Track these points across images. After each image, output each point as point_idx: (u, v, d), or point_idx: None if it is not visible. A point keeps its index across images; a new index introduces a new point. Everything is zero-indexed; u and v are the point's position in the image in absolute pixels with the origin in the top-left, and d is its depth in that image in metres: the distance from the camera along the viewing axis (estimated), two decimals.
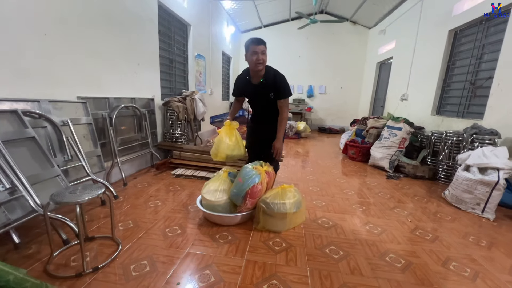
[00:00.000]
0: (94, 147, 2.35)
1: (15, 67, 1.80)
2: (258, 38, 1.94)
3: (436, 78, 4.26)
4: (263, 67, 1.96)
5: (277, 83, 2.00)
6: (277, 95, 2.03)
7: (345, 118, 8.43)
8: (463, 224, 2.21)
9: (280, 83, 2.01)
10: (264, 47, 1.92)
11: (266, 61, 1.96)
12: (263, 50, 1.91)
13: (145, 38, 3.27)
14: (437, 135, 3.58)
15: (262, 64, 1.93)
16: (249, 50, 1.93)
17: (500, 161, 2.37)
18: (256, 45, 1.90)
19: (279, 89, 2.01)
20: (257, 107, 2.20)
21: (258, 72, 1.98)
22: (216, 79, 6.31)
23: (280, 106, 2.06)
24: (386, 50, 6.61)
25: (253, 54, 1.90)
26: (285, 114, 2.06)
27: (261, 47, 1.90)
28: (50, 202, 1.33)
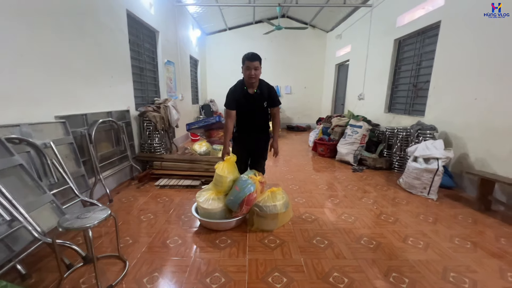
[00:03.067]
0: (77, 167, 2.30)
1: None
2: (253, 54, 2.09)
3: (386, 80, 4.90)
4: (256, 80, 2.16)
5: (270, 94, 2.26)
6: (270, 104, 2.30)
7: (311, 116, 9.03)
8: (415, 206, 2.71)
9: (273, 93, 2.29)
10: (258, 63, 2.10)
11: (259, 75, 2.17)
12: (256, 66, 2.09)
13: (117, 49, 3.20)
14: (390, 131, 4.18)
15: (255, 79, 2.13)
16: (244, 64, 2.11)
17: (438, 152, 2.94)
18: (250, 61, 2.07)
19: (273, 98, 2.29)
20: (251, 117, 2.32)
21: (252, 84, 2.18)
22: (186, 83, 6.28)
23: (274, 113, 2.36)
24: (343, 53, 7.27)
25: (247, 69, 2.09)
26: (278, 119, 2.40)
27: (255, 63, 2.08)
28: (60, 229, 1.36)
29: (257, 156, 2.46)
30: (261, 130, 2.38)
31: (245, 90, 2.22)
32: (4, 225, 1.38)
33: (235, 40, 8.56)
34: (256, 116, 2.32)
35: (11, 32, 1.84)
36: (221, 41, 8.54)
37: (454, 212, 2.57)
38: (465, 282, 1.56)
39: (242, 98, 2.23)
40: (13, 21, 1.85)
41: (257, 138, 2.39)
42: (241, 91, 2.22)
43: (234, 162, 2.21)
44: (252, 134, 2.36)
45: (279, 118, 2.41)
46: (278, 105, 2.34)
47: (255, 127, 2.35)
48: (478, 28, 2.97)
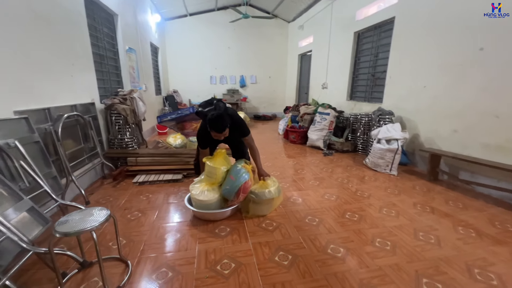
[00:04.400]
0: (48, 168, 2.04)
1: None
2: (218, 125, 1.97)
3: (347, 70, 5.32)
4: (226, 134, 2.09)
5: (237, 128, 2.21)
6: (241, 135, 2.28)
7: (276, 105, 9.29)
8: (382, 181, 3.10)
9: (240, 127, 2.23)
10: (227, 130, 2.04)
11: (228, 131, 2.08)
12: (225, 134, 2.05)
13: (75, 33, 2.83)
14: (353, 117, 4.60)
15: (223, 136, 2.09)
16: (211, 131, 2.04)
17: (397, 133, 3.38)
18: (218, 132, 2.01)
19: (241, 131, 2.25)
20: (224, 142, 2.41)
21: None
22: (148, 73, 5.85)
23: (249, 143, 2.31)
24: (305, 43, 7.56)
25: (215, 136, 2.07)
26: (255, 147, 2.34)
27: (225, 133, 2.04)
28: (57, 235, 1.24)
29: (237, 144, 2.52)
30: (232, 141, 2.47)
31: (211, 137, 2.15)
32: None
33: (197, 26, 8.18)
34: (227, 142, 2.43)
35: None
36: (182, 27, 8.08)
37: (412, 184, 3.03)
38: (431, 238, 1.91)
39: (213, 139, 2.19)
40: None
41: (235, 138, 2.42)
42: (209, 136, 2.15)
43: (225, 153, 2.23)
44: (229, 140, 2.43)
45: (255, 146, 2.34)
46: (248, 134, 2.28)
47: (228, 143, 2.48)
48: (426, 24, 3.42)
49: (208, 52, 8.49)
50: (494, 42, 2.63)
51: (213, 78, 8.78)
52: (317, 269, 1.56)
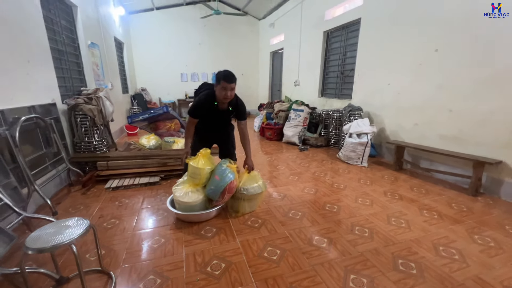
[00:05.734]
0: (6, 178, 1.82)
1: None
2: (230, 76, 2.00)
3: (318, 68, 5.53)
4: (232, 96, 2.09)
5: (239, 109, 2.23)
6: (237, 117, 2.29)
7: (250, 102, 9.26)
8: (354, 173, 3.31)
9: (242, 109, 2.26)
10: (234, 84, 2.03)
11: (233, 93, 2.09)
12: (232, 87, 2.02)
13: (29, 26, 2.53)
14: (325, 113, 4.82)
15: (229, 99, 2.07)
16: (220, 84, 2.01)
17: (366, 128, 3.63)
18: (227, 82, 1.99)
19: (241, 113, 2.27)
20: (217, 124, 2.32)
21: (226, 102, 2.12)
22: (114, 70, 5.46)
23: (242, 128, 2.31)
24: (276, 41, 7.67)
25: (222, 89, 2.00)
26: (247, 135, 2.36)
27: (232, 85, 2.01)
28: (29, 251, 1.12)
29: (225, 146, 2.49)
30: (224, 127, 2.41)
31: (215, 105, 2.14)
32: None
33: (165, 21, 7.82)
34: (220, 124, 2.35)
35: None
36: (148, 22, 7.65)
37: (381, 174, 3.28)
38: (402, 223, 2.10)
39: (210, 111, 2.18)
40: None
41: (221, 133, 2.42)
42: (210, 105, 2.14)
43: (209, 154, 2.19)
44: (214, 131, 2.38)
45: (248, 134, 2.36)
46: (244, 120, 2.32)
47: (218, 127, 2.37)
48: (388, 26, 3.70)
49: (178, 48, 8.17)
50: (446, 44, 2.94)
51: (184, 75, 8.49)
52: (305, 261, 1.63)
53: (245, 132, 2.35)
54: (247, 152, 2.37)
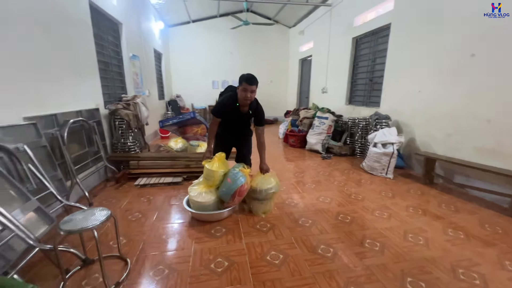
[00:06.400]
0: (54, 171, 2.16)
1: None
2: (251, 78, 2.11)
3: (346, 75, 5.40)
4: (250, 102, 2.22)
5: (258, 114, 2.35)
6: (256, 122, 2.40)
7: (277, 109, 9.37)
8: (377, 184, 3.16)
9: (261, 114, 2.37)
10: (255, 87, 2.13)
11: (254, 95, 2.20)
12: (253, 89, 2.12)
13: (81, 43, 2.97)
14: (351, 121, 4.67)
15: (249, 101, 2.19)
16: (241, 85, 2.13)
17: (393, 137, 3.44)
18: (248, 84, 2.09)
19: (260, 118, 2.38)
20: (236, 127, 2.45)
21: (246, 104, 2.24)
22: (152, 79, 6.02)
23: (259, 134, 2.41)
24: (305, 49, 7.68)
25: (243, 90, 2.12)
26: (263, 139, 2.44)
27: (253, 87, 2.11)
28: (61, 232, 1.34)
29: (242, 150, 2.60)
30: (243, 131, 2.52)
31: (237, 106, 2.25)
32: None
33: (199, 33, 8.37)
34: (240, 127, 2.46)
35: None
36: (185, 34, 8.28)
37: (407, 187, 3.08)
38: (420, 240, 1.96)
39: (231, 112, 2.28)
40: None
41: (239, 136, 2.53)
42: (233, 106, 2.25)
43: (224, 158, 2.32)
44: (234, 134, 2.49)
45: (263, 139, 2.42)
46: (264, 125, 2.40)
47: (238, 131, 2.48)
48: (420, 31, 3.50)
49: (211, 57, 8.66)
50: (485, 49, 2.69)
51: (215, 83, 8.94)
52: (306, 268, 1.64)
53: (261, 138, 2.44)
54: (262, 157, 2.46)
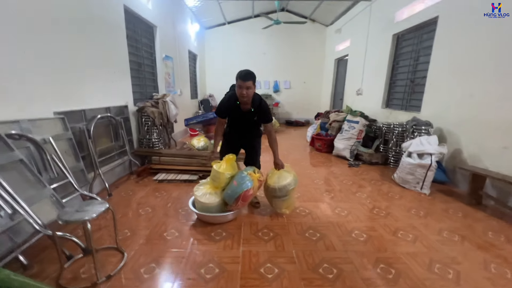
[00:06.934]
0: (76, 162, 2.35)
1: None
2: (246, 74, 2.04)
3: (384, 75, 4.91)
4: (248, 99, 2.13)
5: (262, 110, 2.25)
6: (261, 120, 2.31)
7: (310, 110, 9.03)
8: (407, 200, 2.77)
9: (265, 110, 2.27)
10: (251, 82, 2.05)
11: (252, 94, 2.12)
12: (248, 86, 2.05)
13: (114, 44, 3.21)
14: (386, 126, 4.21)
15: (246, 97, 2.10)
16: (237, 82, 2.08)
17: (432, 147, 2.98)
18: (243, 80, 2.04)
19: (264, 115, 2.28)
20: (241, 126, 2.39)
21: (244, 101, 2.16)
22: (185, 78, 6.28)
23: (268, 130, 2.33)
24: (342, 47, 7.23)
25: (239, 87, 2.07)
26: (274, 135, 2.35)
27: (248, 83, 2.04)
28: (59, 221, 1.42)
29: (250, 151, 2.51)
30: (250, 130, 2.42)
31: (237, 104, 2.20)
32: (6, 218, 1.44)
33: (234, 34, 8.51)
34: (245, 126, 2.38)
35: (10, 31, 1.86)
36: (220, 35, 8.50)
37: (446, 206, 2.63)
38: (449, 273, 1.63)
39: (233, 111, 2.25)
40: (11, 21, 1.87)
41: (246, 135, 2.44)
42: (234, 105, 2.20)
43: (233, 160, 2.26)
44: (240, 133, 2.41)
45: (274, 134, 2.35)
46: (270, 121, 2.32)
47: (244, 129, 2.40)
48: (475, 25, 2.97)
49: (244, 58, 8.73)
50: None
51: None
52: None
53: (272, 134, 2.36)
54: (274, 153, 2.38)
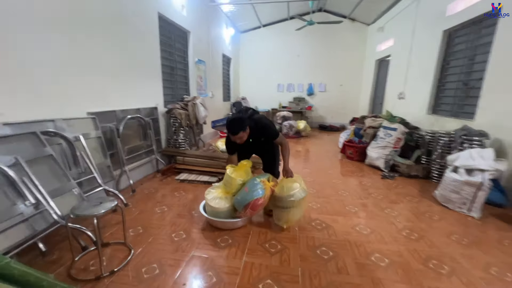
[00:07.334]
0: (104, 158, 2.55)
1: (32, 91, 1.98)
2: (233, 128, 1.99)
3: (431, 77, 4.33)
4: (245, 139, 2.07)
5: (264, 133, 2.18)
6: (268, 139, 2.23)
7: (346, 115, 8.50)
8: (449, 223, 2.35)
9: (266, 131, 2.19)
10: (242, 133, 2.00)
11: (246, 138, 2.07)
12: (239, 137, 2.02)
13: (147, 49, 3.43)
14: (430, 135, 3.70)
15: (243, 142, 2.08)
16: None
17: (485, 162, 2.50)
18: (232, 135, 2.03)
19: (268, 135, 2.20)
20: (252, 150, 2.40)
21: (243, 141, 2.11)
22: (217, 82, 6.46)
23: (279, 142, 2.24)
24: (384, 47, 6.65)
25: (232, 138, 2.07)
26: (284, 146, 2.25)
27: (238, 136, 2.02)
28: (71, 215, 1.53)
29: (266, 156, 2.43)
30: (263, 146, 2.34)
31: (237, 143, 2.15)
32: (31, 207, 1.59)
33: (269, 36, 8.49)
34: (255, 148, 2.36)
35: (48, 37, 2.09)
36: (255, 38, 8.55)
37: (499, 235, 2.16)
38: None
39: (238, 146, 2.22)
40: (49, 27, 2.10)
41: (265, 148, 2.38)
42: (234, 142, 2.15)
43: (248, 167, 2.21)
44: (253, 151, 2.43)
45: (286, 144, 2.26)
46: (277, 137, 2.22)
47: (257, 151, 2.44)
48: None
49: (278, 60, 8.65)
50: None
51: (280, 86, 8.87)
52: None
53: (282, 143, 2.27)
54: (284, 161, 2.27)
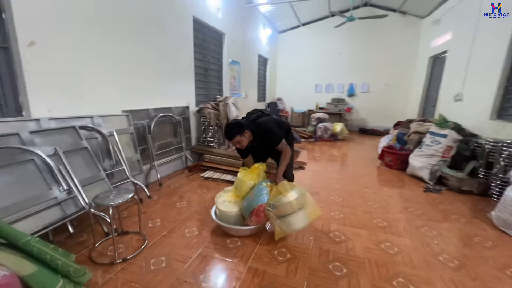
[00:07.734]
0: (135, 153, 2.76)
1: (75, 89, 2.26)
2: (228, 132, 1.99)
3: (498, 75, 3.64)
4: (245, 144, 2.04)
5: (266, 138, 2.09)
6: (271, 146, 2.15)
7: (391, 118, 7.69)
8: (505, 253, 1.93)
9: (268, 136, 2.10)
10: (238, 137, 1.97)
11: (246, 142, 2.04)
12: (237, 141, 1.99)
13: (182, 52, 3.62)
14: (492, 144, 3.10)
15: (243, 147, 2.05)
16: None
17: None
18: (229, 140, 2.02)
19: (270, 140, 2.11)
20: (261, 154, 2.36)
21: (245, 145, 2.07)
22: (251, 82, 6.51)
23: (280, 148, 2.13)
24: (440, 42, 5.84)
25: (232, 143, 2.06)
26: (284, 154, 2.14)
27: (234, 141, 2.00)
28: (92, 203, 1.68)
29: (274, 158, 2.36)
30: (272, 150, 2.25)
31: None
32: (64, 193, 1.80)
33: (308, 35, 8.22)
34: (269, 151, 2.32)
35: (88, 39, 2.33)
36: (294, 38, 8.37)
37: None
38: None
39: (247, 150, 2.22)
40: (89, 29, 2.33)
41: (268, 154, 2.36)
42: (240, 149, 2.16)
43: (262, 170, 2.15)
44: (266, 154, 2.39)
45: (285, 153, 2.14)
46: (279, 143, 2.09)
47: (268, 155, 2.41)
48: None
49: (317, 59, 8.31)
50: None
51: (318, 87, 8.52)
52: None
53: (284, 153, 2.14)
54: (279, 168, 2.13)
